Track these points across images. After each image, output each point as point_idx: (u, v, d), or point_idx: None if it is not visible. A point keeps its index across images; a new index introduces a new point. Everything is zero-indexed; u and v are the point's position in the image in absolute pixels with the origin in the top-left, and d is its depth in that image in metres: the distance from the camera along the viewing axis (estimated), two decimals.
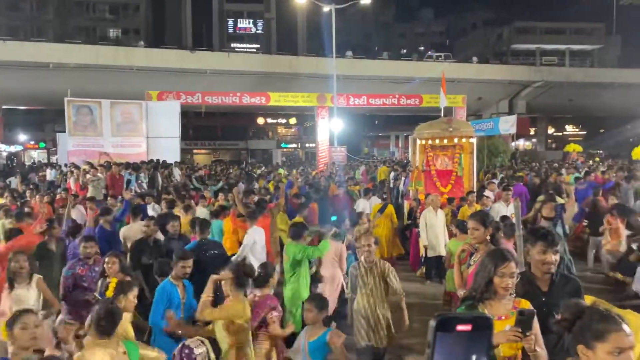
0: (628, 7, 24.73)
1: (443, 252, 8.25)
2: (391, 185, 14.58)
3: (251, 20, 57.09)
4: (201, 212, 9.04)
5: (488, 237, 4.20)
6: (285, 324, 4.62)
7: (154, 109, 20.87)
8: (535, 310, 2.53)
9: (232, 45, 52.75)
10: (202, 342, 3.28)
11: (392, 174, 15.74)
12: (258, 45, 52.72)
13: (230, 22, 56.65)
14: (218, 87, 27.50)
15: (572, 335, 2.10)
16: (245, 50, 47.85)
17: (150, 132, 20.42)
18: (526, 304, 2.78)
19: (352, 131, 43.14)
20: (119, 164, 14.39)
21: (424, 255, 8.98)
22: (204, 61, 30.25)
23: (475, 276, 2.89)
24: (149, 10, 53.53)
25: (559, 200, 8.94)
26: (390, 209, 10.10)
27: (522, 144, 51.09)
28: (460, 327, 0.88)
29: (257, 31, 57.37)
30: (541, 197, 8.82)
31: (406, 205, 11.17)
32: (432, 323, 0.94)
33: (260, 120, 55.05)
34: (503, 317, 2.78)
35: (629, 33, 44.30)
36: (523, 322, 2.44)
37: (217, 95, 25.51)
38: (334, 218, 7.16)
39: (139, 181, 14.12)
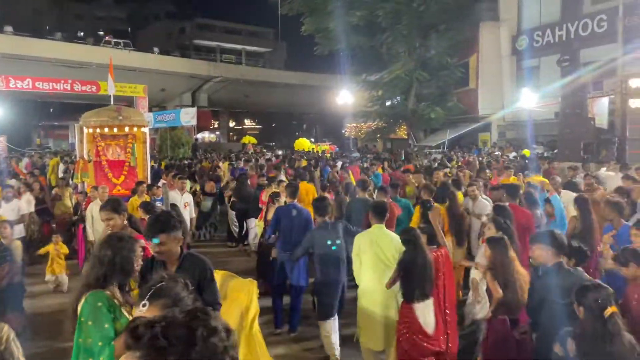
0: (290, 17, 28.35)
1: None
2: (60, 176, 13.25)
3: None
4: None
5: (126, 223, 4.20)
6: None
7: None
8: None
9: None
10: None
11: (61, 166, 14.32)
12: None
13: None
14: None
15: None
16: None
17: None
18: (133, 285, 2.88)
19: (18, 119, 37.48)
20: None
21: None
22: None
23: (100, 265, 2.78)
24: None
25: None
26: None
27: (207, 136, 53.44)
28: None
29: None
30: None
31: (73, 199, 10.31)
32: None
33: None
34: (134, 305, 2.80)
35: (293, 40, 51.18)
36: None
37: None
38: None
39: None
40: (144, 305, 1.91)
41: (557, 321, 3.44)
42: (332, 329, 5.26)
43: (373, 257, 4.75)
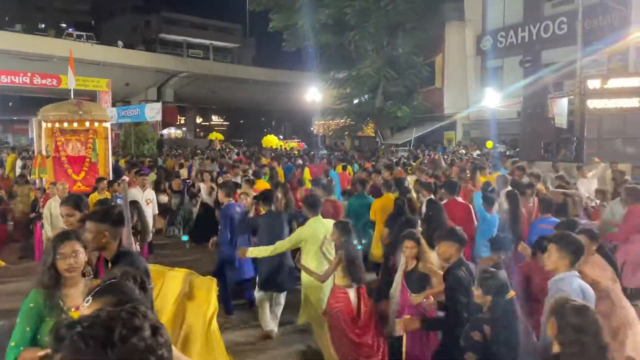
0: (259, 13, 28.15)
1: None
2: (17, 174, 12.84)
3: None
4: None
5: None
6: None
7: None
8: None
9: None
10: None
11: (19, 162, 13.88)
12: None
13: None
14: None
15: None
16: None
17: None
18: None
19: None
20: None
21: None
22: None
23: (40, 263, 2.73)
24: None
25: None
26: None
27: (173, 132, 52.66)
28: None
29: None
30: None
31: (31, 195, 10.01)
32: None
33: None
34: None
35: (261, 36, 50.90)
36: None
37: None
38: None
39: None
40: (87, 302, 1.84)
41: (465, 310, 3.68)
42: (267, 303, 5.78)
43: (313, 248, 5.13)
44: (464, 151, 21.33)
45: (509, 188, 7.55)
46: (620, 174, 9.71)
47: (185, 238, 6.50)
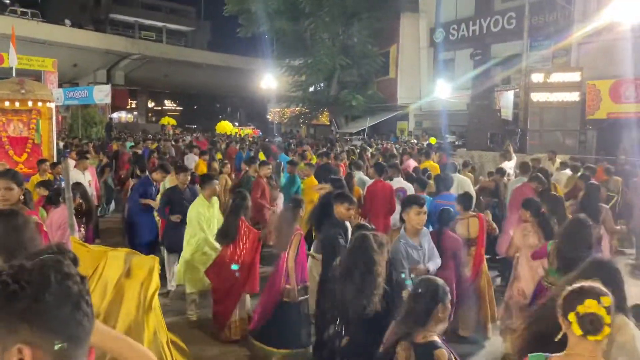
0: None
1: None
2: None
3: None
4: None
5: (22, 197, 4.00)
6: None
7: None
8: None
9: None
10: None
11: None
12: None
13: None
14: None
15: None
16: None
17: None
18: None
19: None
20: None
21: None
22: None
23: None
24: None
25: None
26: None
27: (124, 115, 51.12)
28: None
29: None
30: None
31: None
32: None
33: None
34: None
35: (216, 20, 49.83)
36: None
37: None
38: None
39: None
40: None
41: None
42: (172, 262, 6.79)
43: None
44: (415, 141, 21.79)
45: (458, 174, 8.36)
46: (536, 161, 10.18)
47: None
